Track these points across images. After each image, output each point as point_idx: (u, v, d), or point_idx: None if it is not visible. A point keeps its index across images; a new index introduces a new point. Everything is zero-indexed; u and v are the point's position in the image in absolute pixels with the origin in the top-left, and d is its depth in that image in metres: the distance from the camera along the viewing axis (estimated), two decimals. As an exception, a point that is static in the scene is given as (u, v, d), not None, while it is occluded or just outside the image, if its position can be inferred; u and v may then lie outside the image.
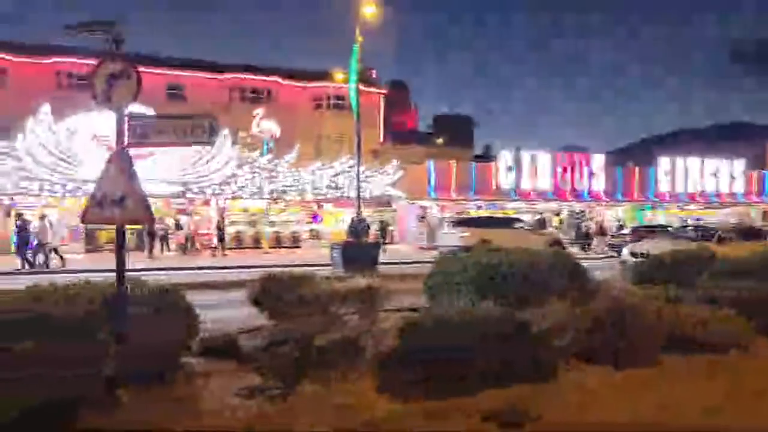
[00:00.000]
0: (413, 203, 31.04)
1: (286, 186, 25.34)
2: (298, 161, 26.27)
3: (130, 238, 22.82)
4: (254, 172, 24.44)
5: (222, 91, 31.58)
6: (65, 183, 21.02)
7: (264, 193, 24.92)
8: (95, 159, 21.65)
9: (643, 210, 37.53)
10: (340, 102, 34.24)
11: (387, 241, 28.93)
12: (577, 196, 33.29)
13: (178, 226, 25.13)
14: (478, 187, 30.94)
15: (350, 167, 26.26)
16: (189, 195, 23.54)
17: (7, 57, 27.18)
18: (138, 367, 4.69)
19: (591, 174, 33.46)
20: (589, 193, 33.56)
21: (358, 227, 17.70)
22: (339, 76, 25.72)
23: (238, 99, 31.70)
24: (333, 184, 26.42)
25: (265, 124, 25.95)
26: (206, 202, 24.82)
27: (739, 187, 37.55)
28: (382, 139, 36.38)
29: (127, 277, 4.87)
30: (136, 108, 20.25)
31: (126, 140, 4.97)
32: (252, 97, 32.19)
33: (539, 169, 31.98)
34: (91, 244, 22.88)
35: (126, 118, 5.02)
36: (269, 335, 5.99)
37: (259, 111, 26.85)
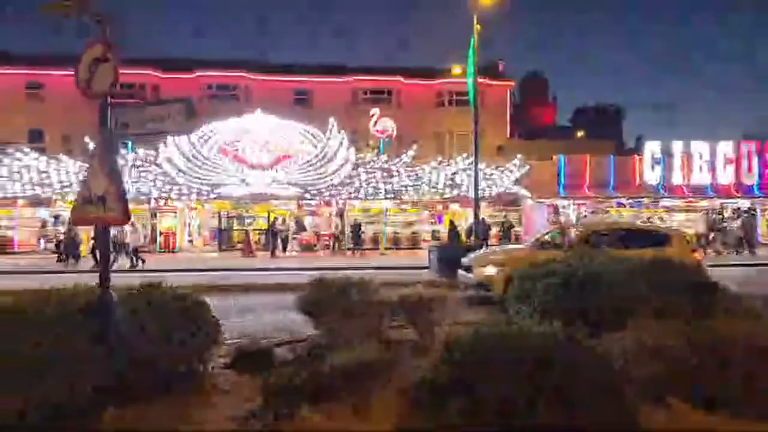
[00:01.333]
0: (542, 202, 28.79)
1: (404, 185, 24.83)
2: (420, 160, 25.69)
3: (258, 239, 24.11)
4: (370, 173, 24.29)
5: (345, 94, 32.15)
6: (199, 188, 22.67)
7: (381, 194, 24.67)
8: (224, 165, 23.28)
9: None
10: (463, 98, 32.94)
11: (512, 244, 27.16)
12: (746, 191, 28.34)
13: (301, 227, 25.99)
14: (618, 183, 27.74)
15: (470, 164, 24.96)
16: (308, 197, 24.05)
17: (156, 73, 30.38)
18: (145, 377, 4.28)
19: (766, 165, 28.34)
20: (761, 187, 28.40)
21: (455, 229, 16.50)
22: (457, 70, 24.56)
23: (361, 100, 32.01)
24: (451, 183, 25.33)
25: (382, 124, 25.71)
26: (328, 204, 25.26)
27: None
28: (509, 134, 34.37)
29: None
30: (264, 115, 21.01)
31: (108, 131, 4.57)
32: (374, 98, 32.33)
33: (694, 160, 27.76)
34: (225, 243, 24.48)
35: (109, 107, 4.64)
36: (304, 348, 5.29)
37: (376, 111, 26.73)
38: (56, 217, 22.78)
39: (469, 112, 32.68)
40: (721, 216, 29.40)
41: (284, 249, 22.65)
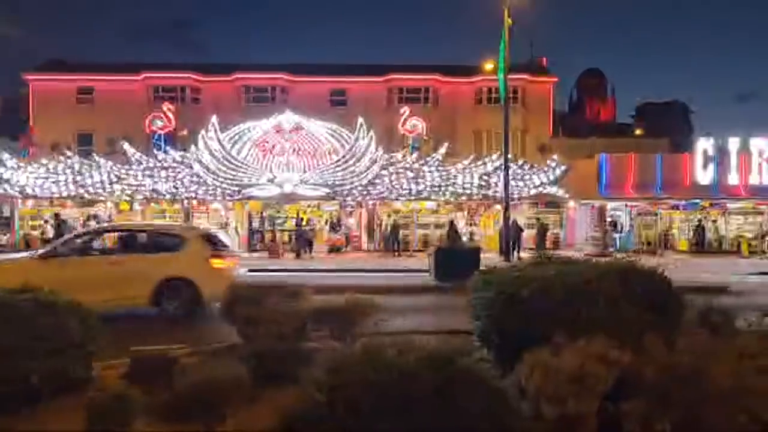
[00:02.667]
0: (585, 203, 27.38)
1: (435, 186, 24.24)
2: (455, 159, 25.03)
3: (286, 241, 24.22)
4: (399, 173, 23.87)
5: (381, 93, 31.84)
6: (228, 188, 23.05)
7: (411, 194, 24.19)
8: (253, 165, 23.54)
9: None
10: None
11: (548, 247, 25.98)
12: (813, 191, 25.76)
13: (334, 228, 25.88)
14: (667, 183, 25.90)
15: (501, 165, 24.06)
16: (338, 198, 23.92)
17: (196, 77, 31.24)
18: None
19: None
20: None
21: (455, 230, 15.76)
22: (489, 65, 23.69)
23: (398, 100, 31.58)
24: (485, 183, 24.49)
25: (411, 123, 25.21)
26: (359, 204, 25.05)
27: None
28: (552, 132, 32.95)
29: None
30: (293, 115, 21.18)
31: None
32: (411, 97, 31.84)
33: (754, 158, 25.52)
34: (257, 244, 24.75)
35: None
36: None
37: (406, 109, 26.23)
38: (95, 216, 23.81)
39: (510, 110, 31.93)
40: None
41: (310, 250, 22.59)
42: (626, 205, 26.91)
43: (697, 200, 26.26)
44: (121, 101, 28.96)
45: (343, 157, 23.67)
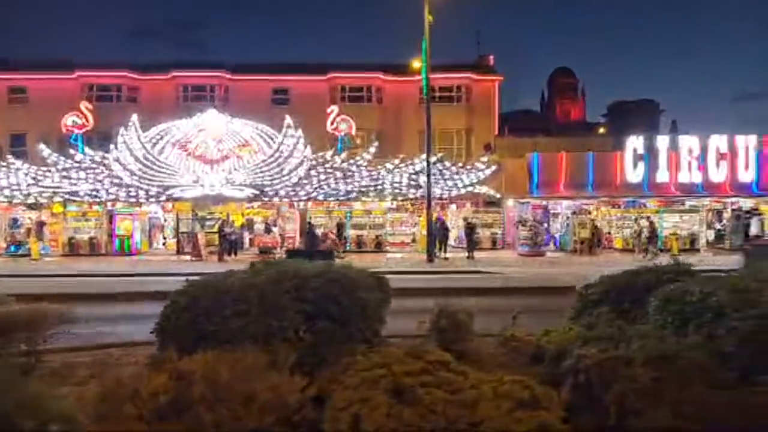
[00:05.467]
0: (524, 202, 27.43)
1: (365, 186, 24.12)
2: (396, 158, 24.89)
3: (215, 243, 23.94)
4: (328, 173, 23.74)
5: (324, 92, 31.63)
6: (149, 189, 22.77)
7: (340, 195, 24.05)
8: (176, 166, 23.27)
9: None
10: (446, 94, 31.97)
11: (481, 247, 26.01)
12: (742, 189, 25.99)
13: (268, 230, 25.68)
14: (599, 182, 26.00)
15: (434, 163, 24.01)
16: (264, 198, 23.75)
17: (134, 75, 30.82)
18: None
19: (765, 162, 25.87)
20: (760, 185, 25.97)
21: (312, 230, 15.63)
22: (416, 64, 23.54)
23: (340, 98, 31.40)
24: (414, 182, 24.42)
25: (340, 122, 25.05)
26: (291, 205, 24.88)
27: None
28: (497, 131, 32.92)
29: None
30: (217, 114, 20.91)
31: None
32: (354, 96, 31.70)
33: (682, 156, 25.67)
34: (186, 246, 24.49)
35: None
36: None
37: (334, 108, 26.06)
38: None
39: (453, 108, 32.02)
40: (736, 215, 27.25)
41: (234, 252, 22.37)
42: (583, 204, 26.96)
43: (633, 198, 26.44)
44: (56, 100, 28.45)
45: (271, 156, 23.48)
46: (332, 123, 25.19)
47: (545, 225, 30.00)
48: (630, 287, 7.03)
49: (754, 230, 26.22)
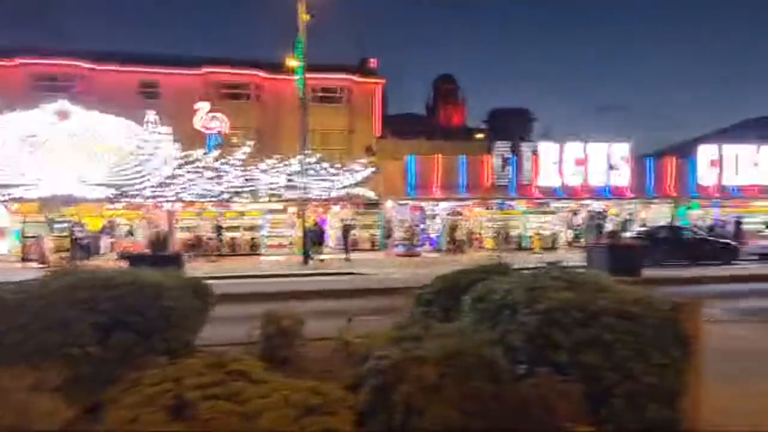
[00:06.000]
0: (403, 203, 28.04)
1: (237, 187, 23.24)
2: (276, 158, 24.12)
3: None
4: (198, 172, 22.57)
5: (198, 87, 30.11)
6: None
7: (211, 196, 22.97)
8: (17, 162, 20.90)
9: (689, 208, 31.89)
10: (329, 94, 31.85)
11: (360, 248, 26.22)
12: (595, 192, 28.56)
13: (131, 233, 23.90)
14: (471, 184, 27.28)
15: (313, 163, 23.77)
16: (126, 199, 22.05)
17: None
18: None
19: (613, 167, 28.59)
20: (611, 188, 28.71)
21: (159, 234, 15.07)
22: (293, 62, 23.13)
23: (216, 95, 30.05)
24: (291, 183, 23.97)
25: (211, 120, 24.01)
26: (156, 206, 23.32)
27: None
28: (380, 134, 33.39)
29: None
30: (71, 105, 18.75)
31: None
32: (232, 93, 30.55)
33: (543, 161, 27.68)
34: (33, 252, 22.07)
35: None
36: None
37: (204, 105, 24.98)
38: None
39: (333, 109, 31.96)
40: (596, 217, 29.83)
41: (87, 257, 20.49)
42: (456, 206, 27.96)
43: (501, 200, 28.05)
44: None
45: (131, 153, 21.85)
46: (201, 120, 23.98)
47: (423, 226, 31.01)
48: (456, 287, 7.23)
49: (609, 228, 28.87)
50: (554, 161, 27.68)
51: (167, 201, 22.51)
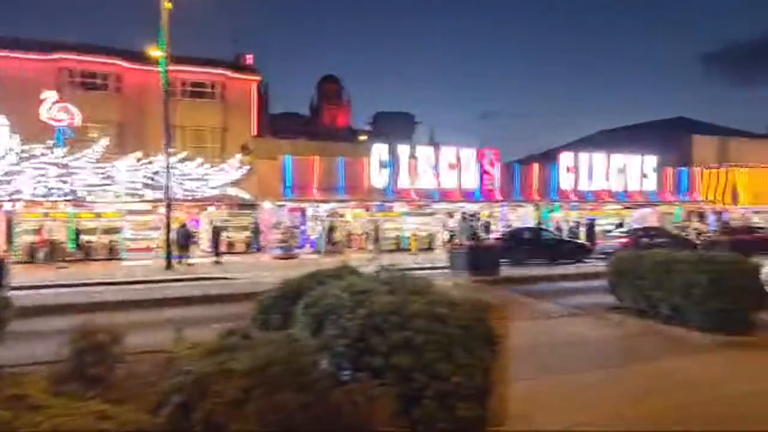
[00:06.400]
0: (281, 205, 27.34)
1: (90, 185, 21.19)
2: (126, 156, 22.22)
3: None
4: (41, 168, 20.25)
5: (49, 75, 27.08)
6: None
7: (60, 194, 20.73)
8: None
9: (552, 211, 34.57)
10: (200, 89, 30.24)
11: (235, 250, 25.21)
12: (468, 195, 29.91)
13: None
14: (349, 186, 27.29)
15: (180, 161, 22.31)
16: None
17: None
18: None
19: (484, 172, 30.13)
20: (482, 192, 30.23)
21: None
22: (156, 53, 21.44)
23: (70, 84, 27.24)
24: (151, 182, 22.35)
25: (59, 111, 21.70)
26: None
27: (651, 185, 34.75)
28: (256, 132, 32.27)
29: None
30: None
31: None
32: (88, 83, 27.88)
33: (420, 165, 28.46)
34: None
35: None
36: None
37: (51, 94, 22.59)
38: None
39: (206, 105, 30.33)
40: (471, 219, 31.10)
41: None
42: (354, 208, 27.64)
43: (381, 202, 28.36)
44: None
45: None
46: (48, 111, 21.57)
47: (303, 227, 30.54)
48: (297, 291, 6.98)
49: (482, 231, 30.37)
50: (431, 164, 28.56)
51: (3, 200, 19.93)
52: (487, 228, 28.35)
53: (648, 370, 7.04)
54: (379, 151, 27.73)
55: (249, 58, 33.08)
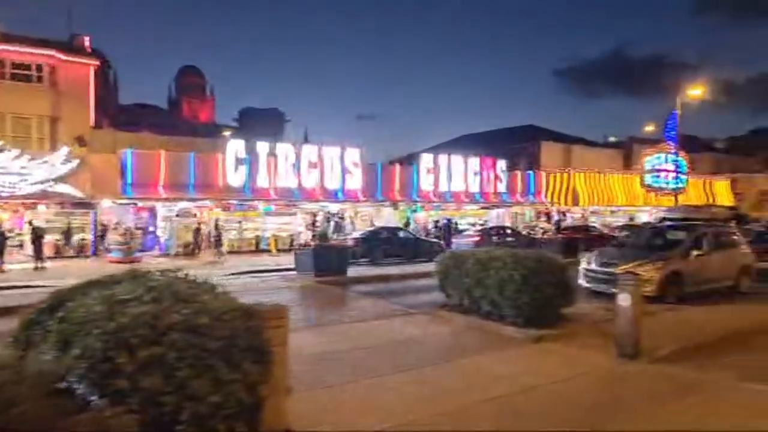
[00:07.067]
0: (125, 204, 24.78)
1: None
2: None
3: None
4: None
5: None
6: None
7: None
8: None
9: (415, 211, 35.47)
10: (24, 72, 26.43)
11: (66, 254, 22.42)
12: (330, 195, 29.52)
13: None
14: (203, 184, 25.52)
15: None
16: None
17: None
18: None
19: (346, 171, 29.93)
20: (344, 192, 30.03)
21: None
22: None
23: None
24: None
25: None
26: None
27: (503, 187, 37.08)
28: (93, 123, 28.89)
29: None
30: None
31: None
32: None
33: (280, 163, 27.50)
34: None
35: None
36: None
37: None
38: None
39: (33, 91, 26.62)
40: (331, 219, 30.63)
41: None
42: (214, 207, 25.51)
43: (238, 201, 26.93)
44: None
45: None
46: None
47: (152, 228, 28.11)
48: (62, 302, 5.93)
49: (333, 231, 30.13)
50: (292, 163, 27.74)
51: None
52: (338, 228, 28.37)
53: (458, 367, 7.04)
54: (236, 147, 26.29)
55: (86, 40, 29.55)
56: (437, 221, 33.73)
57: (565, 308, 9.20)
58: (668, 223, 14.70)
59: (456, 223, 33.26)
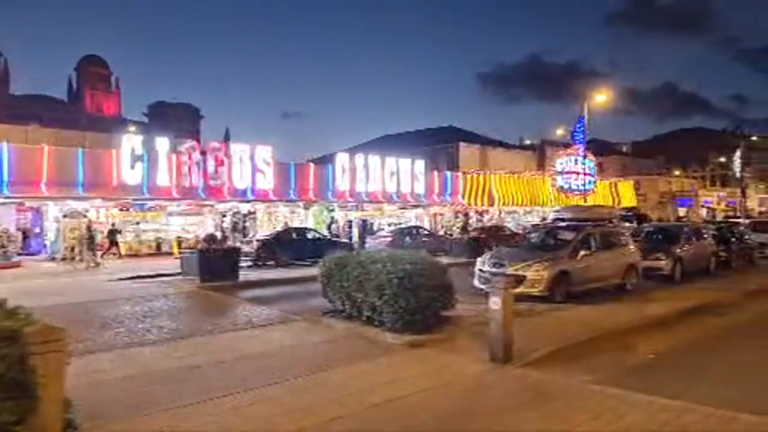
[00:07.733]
0: (4, 204, 22.35)
1: None
2: None
3: None
4: None
5: None
6: None
7: None
8: None
9: (332, 211, 34.74)
10: None
11: None
12: (239, 194, 28.15)
13: None
14: (94, 182, 23.46)
15: None
16: None
17: None
18: None
19: (257, 170, 28.66)
20: (254, 191, 28.77)
21: None
22: None
23: None
24: None
25: None
26: None
27: (421, 187, 37.09)
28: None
29: None
30: None
31: None
32: None
33: (184, 161, 25.85)
34: None
35: None
36: None
37: None
38: None
39: None
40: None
41: None
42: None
43: (136, 200, 25.08)
44: None
45: None
46: None
47: (37, 230, 25.75)
48: None
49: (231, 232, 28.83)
50: (196, 160, 26.16)
51: None
52: (237, 228, 27.27)
53: (319, 381, 6.45)
54: (132, 143, 24.40)
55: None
56: (350, 221, 33.20)
57: (446, 311, 8.86)
58: (560, 223, 14.92)
59: (372, 224, 32.90)
